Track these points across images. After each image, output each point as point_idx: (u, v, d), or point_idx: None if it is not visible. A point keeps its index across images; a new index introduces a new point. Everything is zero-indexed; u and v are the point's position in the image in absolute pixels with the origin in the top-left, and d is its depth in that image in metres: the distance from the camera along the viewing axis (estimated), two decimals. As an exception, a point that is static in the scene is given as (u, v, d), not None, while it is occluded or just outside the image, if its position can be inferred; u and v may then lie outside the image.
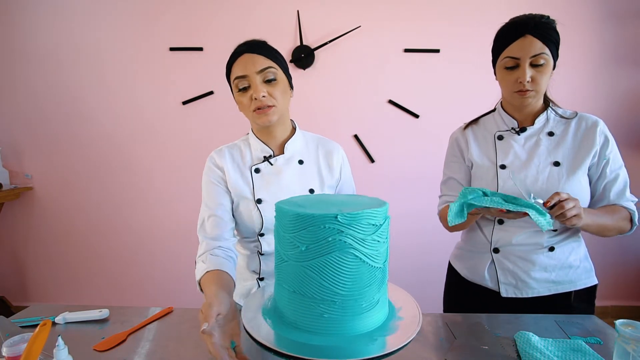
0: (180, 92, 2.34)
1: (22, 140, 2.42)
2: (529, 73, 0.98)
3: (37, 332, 0.64)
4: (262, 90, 0.94)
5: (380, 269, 0.64)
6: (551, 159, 1.04)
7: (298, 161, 1.06)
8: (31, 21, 2.31)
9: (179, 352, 0.83)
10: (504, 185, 1.06)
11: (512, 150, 1.08)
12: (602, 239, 2.54)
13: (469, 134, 1.17)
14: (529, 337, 0.82)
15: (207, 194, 1.05)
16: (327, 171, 1.09)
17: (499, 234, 1.09)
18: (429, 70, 2.33)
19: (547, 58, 0.98)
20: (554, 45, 0.99)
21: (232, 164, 1.04)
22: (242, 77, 0.95)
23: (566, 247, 1.07)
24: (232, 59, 0.99)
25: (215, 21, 2.29)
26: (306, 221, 0.59)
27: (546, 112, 1.08)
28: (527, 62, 0.98)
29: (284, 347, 0.57)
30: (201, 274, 0.91)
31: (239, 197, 1.03)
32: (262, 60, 0.95)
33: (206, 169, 1.07)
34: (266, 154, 1.04)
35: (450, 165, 1.21)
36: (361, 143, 2.39)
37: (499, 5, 2.27)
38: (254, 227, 1.02)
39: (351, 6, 2.28)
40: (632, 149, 2.37)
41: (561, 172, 1.02)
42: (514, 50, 0.99)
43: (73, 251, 2.52)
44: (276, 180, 1.03)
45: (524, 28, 0.98)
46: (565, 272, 1.06)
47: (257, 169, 1.03)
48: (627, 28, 2.30)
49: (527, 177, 1.04)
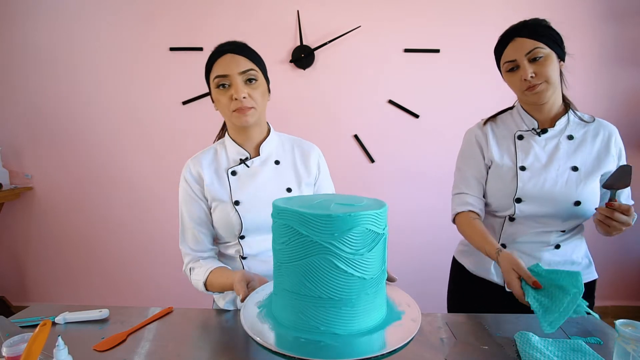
0: (180, 92, 2.34)
1: (22, 140, 2.42)
2: (530, 69, 0.99)
3: (37, 332, 0.64)
4: (243, 91, 0.95)
5: (380, 269, 0.64)
6: (570, 163, 1.05)
7: (274, 162, 1.07)
8: (31, 21, 2.31)
9: (179, 352, 0.83)
10: (523, 187, 1.06)
11: (532, 152, 1.08)
12: (601, 240, 2.54)
13: (489, 131, 1.15)
14: (528, 337, 0.82)
15: (185, 207, 1.06)
16: (304, 169, 1.09)
17: (508, 230, 1.11)
18: (429, 70, 2.33)
19: (544, 51, 0.99)
20: (549, 39, 1.00)
21: (208, 169, 1.05)
22: (223, 76, 0.96)
23: (570, 244, 1.09)
24: (214, 58, 0.99)
25: (215, 21, 2.29)
26: (304, 221, 0.59)
27: (567, 114, 1.08)
28: (524, 60, 1.00)
29: (284, 348, 0.57)
30: (205, 275, 0.98)
31: (217, 200, 1.03)
32: (244, 62, 0.97)
33: (182, 182, 1.06)
34: (242, 157, 1.05)
35: (468, 161, 1.18)
36: (361, 143, 2.39)
37: (499, 5, 2.27)
38: (234, 230, 1.02)
39: (351, 6, 2.28)
40: (632, 149, 2.37)
41: (579, 177, 1.04)
42: (509, 54, 1.03)
43: (73, 251, 2.52)
44: (253, 182, 1.03)
45: (512, 32, 1.03)
46: (568, 268, 1.08)
47: (234, 171, 1.04)
48: (627, 28, 2.30)
49: (547, 180, 1.05)
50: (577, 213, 1.04)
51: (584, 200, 1.03)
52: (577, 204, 1.03)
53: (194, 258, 1.05)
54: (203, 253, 1.06)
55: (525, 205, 1.07)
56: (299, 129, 2.39)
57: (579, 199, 1.02)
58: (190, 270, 1.05)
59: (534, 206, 1.06)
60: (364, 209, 0.60)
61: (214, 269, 0.98)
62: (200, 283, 1.00)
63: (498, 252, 0.97)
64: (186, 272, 1.07)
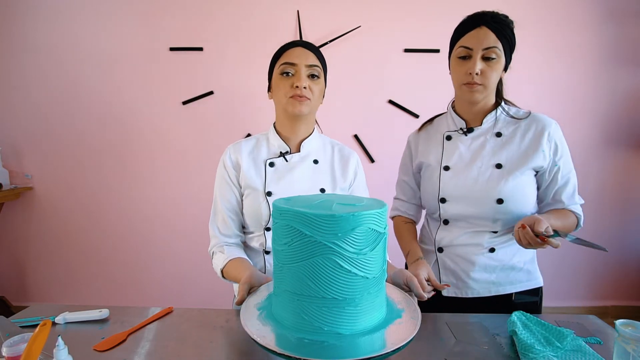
0: (180, 92, 2.34)
1: (22, 140, 2.42)
2: (479, 65, 0.97)
3: (37, 332, 0.64)
4: (306, 81, 0.99)
5: (381, 268, 0.64)
6: (494, 160, 1.03)
7: (313, 160, 1.09)
8: (31, 21, 2.31)
9: (179, 352, 0.83)
10: (445, 186, 1.06)
11: (457, 151, 1.08)
12: (601, 239, 2.55)
13: (422, 136, 1.19)
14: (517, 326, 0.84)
15: (219, 190, 1.09)
16: (341, 174, 1.11)
17: (442, 233, 1.10)
18: (429, 70, 2.33)
19: (499, 53, 0.97)
20: (508, 43, 0.98)
21: (247, 156, 1.07)
22: (291, 64, 1.00)
23: (509, 248, 1.06)
24: (286, 48, 1.04)
25: (215, 21, 2.29)
26: (305, 220, 0.59)
27: (495, 111, 1.06)
28: (479, 53, 0.97)
29: (287, 349, 0.57)
30: (224, 263, 1.00)
31: (250, 188, 1.05)
32: (312, 57, 1.02)
33: (220, 165, 1.10)
34: (283, 150, 1.07)
35: (402, 167, 1.24)
36: (361, 143, 2.39)
37: (499, 6, 2.26)
38: (261, 220, 1.04)
39: (351, 6, 2.28)
40: (632, 149, 2.37)
41: (502, 174, 1.01)
42: (468, 40, 0.99)
43: (73, 251, 2.52)
44: (289, 176, 1.05)
45: (480, 19, 0.98)
46: (507, 273, 1.05)
47: (272, 162, 1.06)
48: (627, 28, 2.30)
49: (467, 178, 1.04)
50: (502, 211, 1.01)
51: (507, 197, 1.00)
52: (500, 202, 1.00)
53: (219, 242, 1.07)
54: (229, 238, 1.07)
55: (450, 205, 1.06)
56: (299, 129, 2.39)
57: (501, 196, 1.00)
58: (213, 254, 1.07)
59: (459, 206, 1.05)
60: (366, 209, 0.60)
61: (234, 258, 1.00)
62: (218, 269, 1.02)
63: (413, 261, 1.01)
64: (210, 254, 1.09)
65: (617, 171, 2.42)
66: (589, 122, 2.37)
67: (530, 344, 0.77)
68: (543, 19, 2.25)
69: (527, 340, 0.78)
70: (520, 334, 0.80)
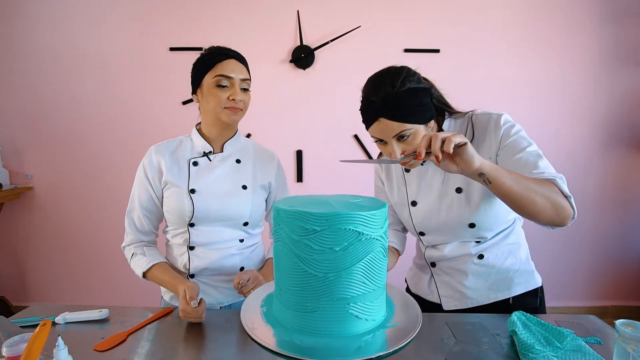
0: (180, 92, 2.34)
1: (22, 140, 2.42)
2: (399, 148, 0.89)
3: (37, 332, 0.64)
4: (240, 95, 1.07)
5: (380, 268, 0.64)
6: (453, 185, 1.00)
7: (236, 160, 1.16)
8: (31, 21, 2.31)
9: (179, 352, 0.83)
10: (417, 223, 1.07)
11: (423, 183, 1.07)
12: (602, 240, 2.55)
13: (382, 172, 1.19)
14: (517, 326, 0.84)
15: (137, 190, 1.14)
16: (261, 173, 1.18)
17: (430, 251, 1.09)
18: (428, 70, 2.31)
19: (410, 131, 0.88)
20: (414, 114, 0.88)
21: (169, 157, 1.13)
22: (227, 77, 1.06)
23: (499, 251, 1.03)
24: (219, 58, 1.07)
25: (215, 21, 2.29)
26: (319, 221, 0.59)
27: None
28: (392, 140, 0.89)
29: (285, 349, 0.57)
30: (147, 266, 1.07)
31: (173, 186, 1.10)
32: (245, 71, 1.10)
33: (141, 165, 1.16)
34: (206, 150, 1.14)
35: (378, 195, 1.24)
36: (361, 143, 2.39)
37: (498, 5, 2.27)
38: (184, 217, 1.08)
39: (351, 6, 2.28)
40: (632, 149, 2.37)
41: (465, 198, 0.99)
42: (376, 132, 0.91)
43: (73, 251, 2.52)
44: (211, 174, 1.12)
45: (376, 113, 0.88)
46: (502, 277, 1.03)
47: (196, 162, 1.12)
48: (627, 28, 2.30)
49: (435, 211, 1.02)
50: (479, 229, 0.99)
51: (477, 220, 0.97)
52: (473, 226, 0.98)
53: (136, 240, 1.14)
54: (144, 236, 1.14)
55: (429, 236, 1.07)
56: (299, 128, 2.39)
57: (472, 221, 0.97)
58: (133, 255, 1.12)
59: (438, 237, 1.05)
60: (365, 209, 0.61)
61: (157, 263, 1.09)
62: (139, 270, 1.09)
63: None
64: (126, 252, 1.15)
65: (617, 171, 2.42)
66: (589, 123, 2.36)
67: (530, 344, 0.77)
68: (543, 20, 2.25)
69: (527, 340, 0.78)
70: (520, 334, 0.80)
